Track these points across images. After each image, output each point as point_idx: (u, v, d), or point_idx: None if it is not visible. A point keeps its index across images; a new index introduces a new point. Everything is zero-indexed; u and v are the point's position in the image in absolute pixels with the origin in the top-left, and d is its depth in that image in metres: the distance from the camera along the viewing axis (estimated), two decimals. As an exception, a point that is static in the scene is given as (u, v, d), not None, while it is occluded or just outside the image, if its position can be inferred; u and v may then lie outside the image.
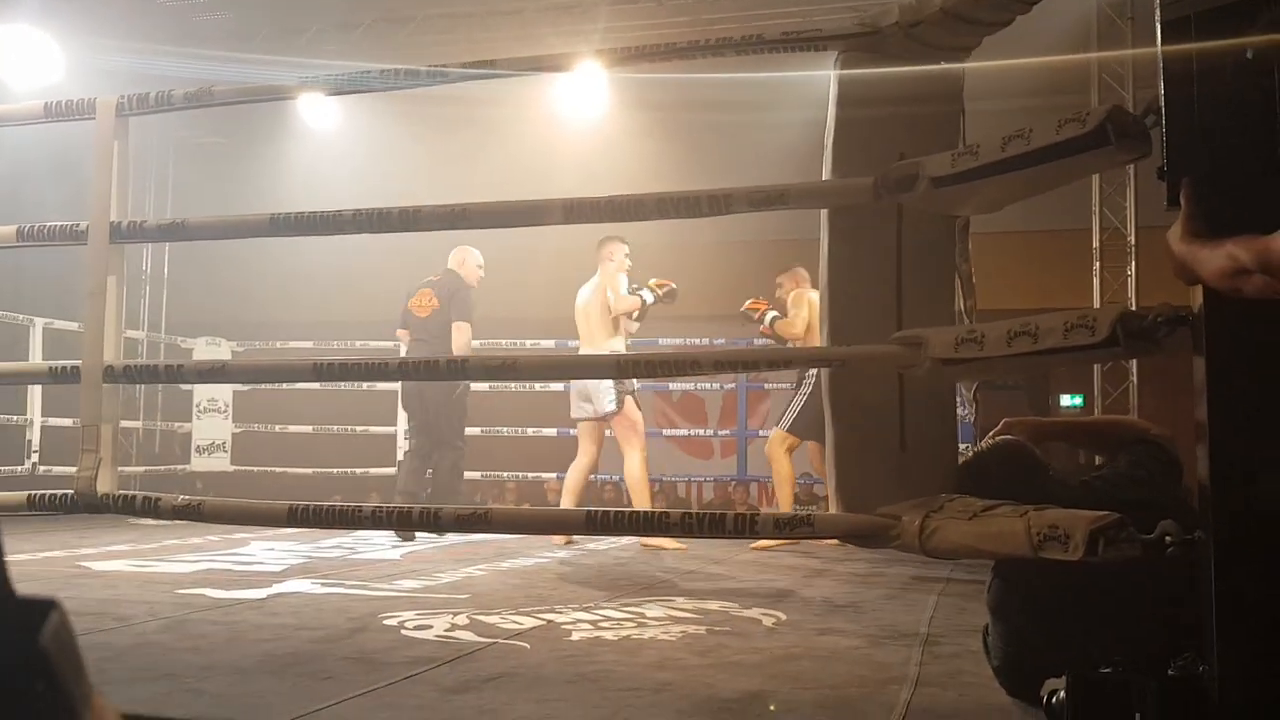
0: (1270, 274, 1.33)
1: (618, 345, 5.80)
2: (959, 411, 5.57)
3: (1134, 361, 8.02)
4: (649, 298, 5.82)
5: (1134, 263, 8.11)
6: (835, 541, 5.13)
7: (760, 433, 9.13)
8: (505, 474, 9.11)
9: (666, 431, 10.21)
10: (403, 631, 3.04)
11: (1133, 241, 8.11)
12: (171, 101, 2.60)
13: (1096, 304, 8.10)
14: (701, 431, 10.12)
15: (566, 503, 5.78)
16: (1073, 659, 1.94)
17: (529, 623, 3.20)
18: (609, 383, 5.67)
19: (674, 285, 5.92)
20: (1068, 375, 9.71)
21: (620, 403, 5.69)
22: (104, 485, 2.63)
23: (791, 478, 5.94)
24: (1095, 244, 8.29)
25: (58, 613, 0.34)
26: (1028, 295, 8.09)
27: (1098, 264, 8.28)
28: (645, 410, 11.43)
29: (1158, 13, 1.75)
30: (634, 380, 5.75)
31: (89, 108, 2.66)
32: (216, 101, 2.65)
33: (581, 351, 5.83)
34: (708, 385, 9.43)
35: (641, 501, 5.68)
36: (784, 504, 5.94)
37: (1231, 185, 1.64)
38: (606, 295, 5.81)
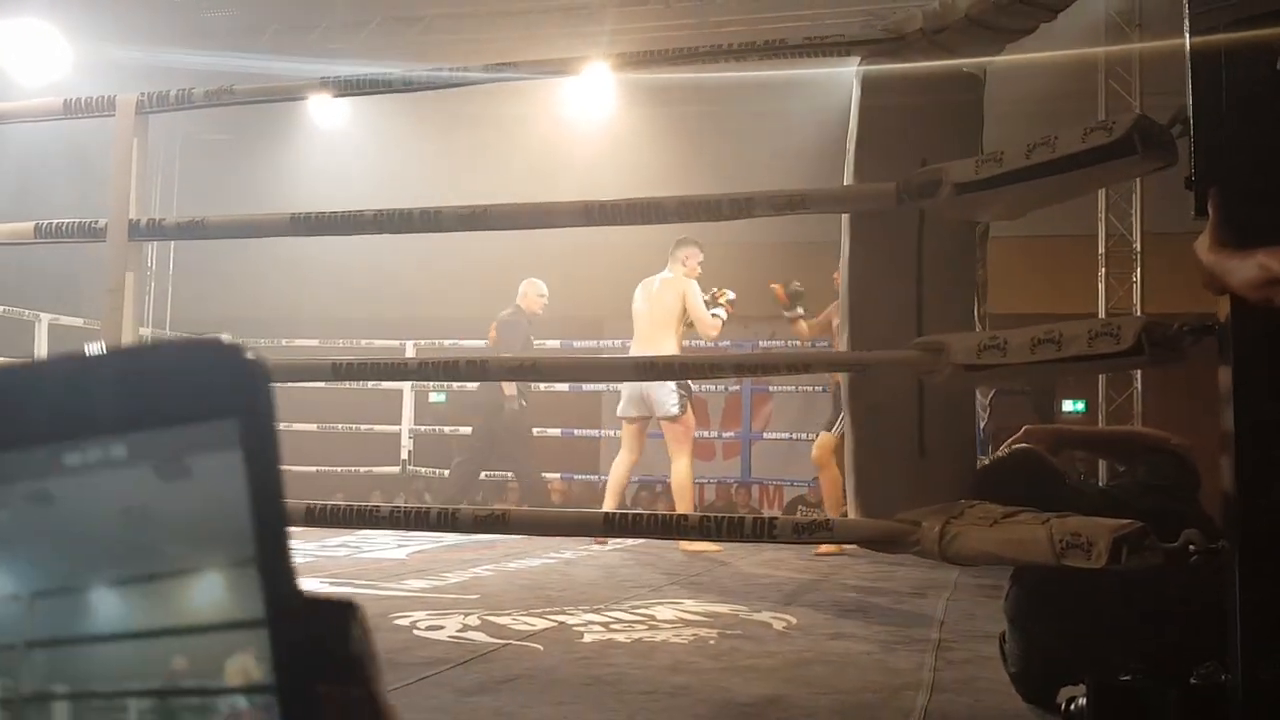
0: None
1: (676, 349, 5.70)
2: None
3: (1139, 370, 8.03)
4: (724, 316, 5.79)
5: (1139, 269, 8.12)
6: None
7: (764, 435, 9.13)
8: (509, 474, 9.11)
9: (669, 432, 10.19)
10: (415, 632, 3.04)
11: (1138, 248, 8.12)
12: (192, 99, 2.60)
13: (1102, 310, 8.11)
14: (705, 433, 10.11)
15: (610, 502, 5.71)
16: (1092, 667, 1.95)
17: (540, 624, 3.20)
18: (672, 386, 5.59)
19: (732, 294, 5.89)
20: (1072, 381, 9.72)
21: (684, 407, 5.64)
22: (120, 482, 2.62)
23: (840, 482, 5.88)
24: (1101, 250, 8.29)
25: (360, 614, 0.33)
26: (1033, 300, 8.10)
27: (1103, 270, 8.29)
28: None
29: (1186, 23, 1.76)
30: (690, 384, 5.72)
31: (109, 105, 2.65)
32: (237, 100, 2.65)
33: (638, 349, 5.69)
34: (710, 386, 9.42)
35: (685, 506, 5.59)
36: (832, 510, 5.89)
37: (1260, 195, 1.64)
38: (686, 304, 5.73)
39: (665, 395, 5.63)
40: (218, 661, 0.30)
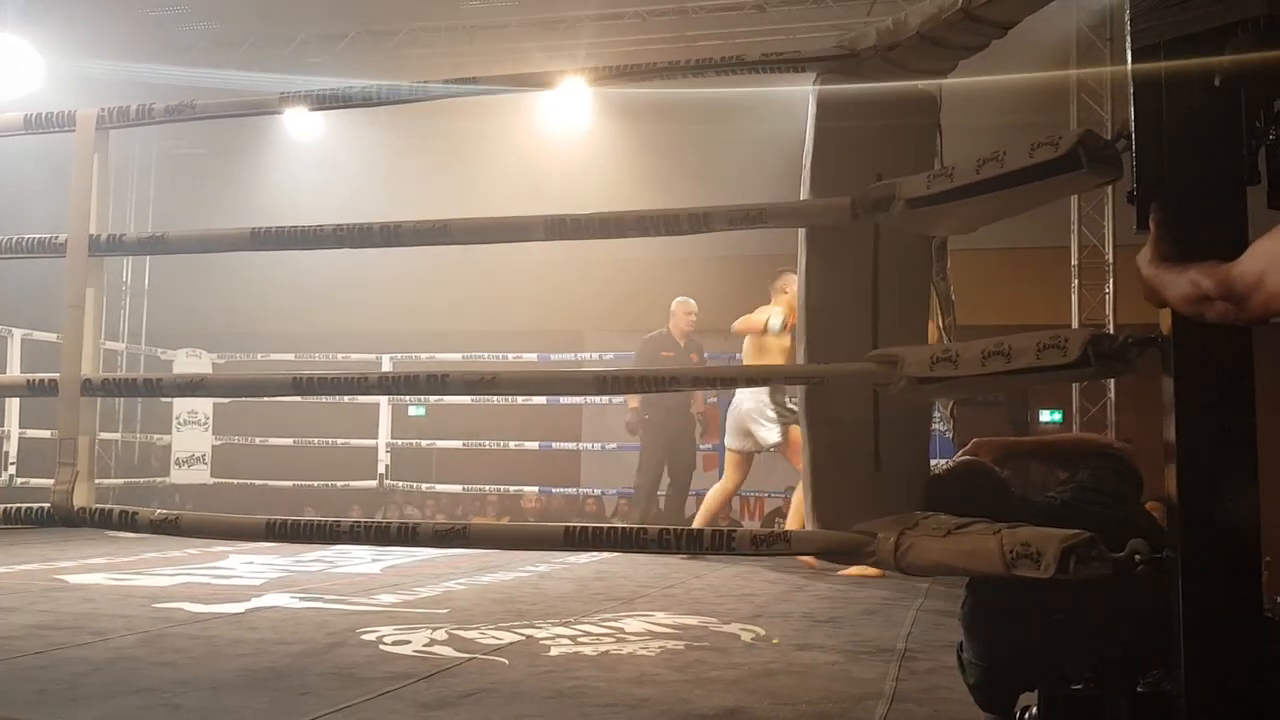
0: (1231, 301, 1.35)
1: None
2: (939, 427, 5.59)
3: (1112, 379, 8.10)
4: (776, 325, 5.74)
5: (1111, 280, 8.19)
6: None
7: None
8: (486, 486, 9.11)
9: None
10: (381, 647, 3.04)
11: (1110, 259, 8.20)
12: (152, 115, 2.59)
13: (1075, 321, 8.17)
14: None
15: (700, 522, 5.83)
16: (1045, 676, 1.96)
17: (508, 638, 3.21)
18: (772, 416, 5.73)
19: None
20: (1047, 392, 9.79)
21: (785, 433, 5.70)
22: (80, 499, 2.61)
23: None
24: (1074, 261, 8.37)
25: None
26: (1007, 312, 8.16)
27: (1076, 281, 8.36)
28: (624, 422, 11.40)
29: (1128, 40, 1.78)
30: (794, 404, 5.74)
31: (69, 120, 2.65)
32: (198, 115, 2.65)
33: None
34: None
35: (796, 520, 5.62)
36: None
37: (1199, 210, 1.67)
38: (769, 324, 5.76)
39: (765, 428, 5.78)
40: None
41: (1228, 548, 1.67)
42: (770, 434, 5.80)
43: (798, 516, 5.81)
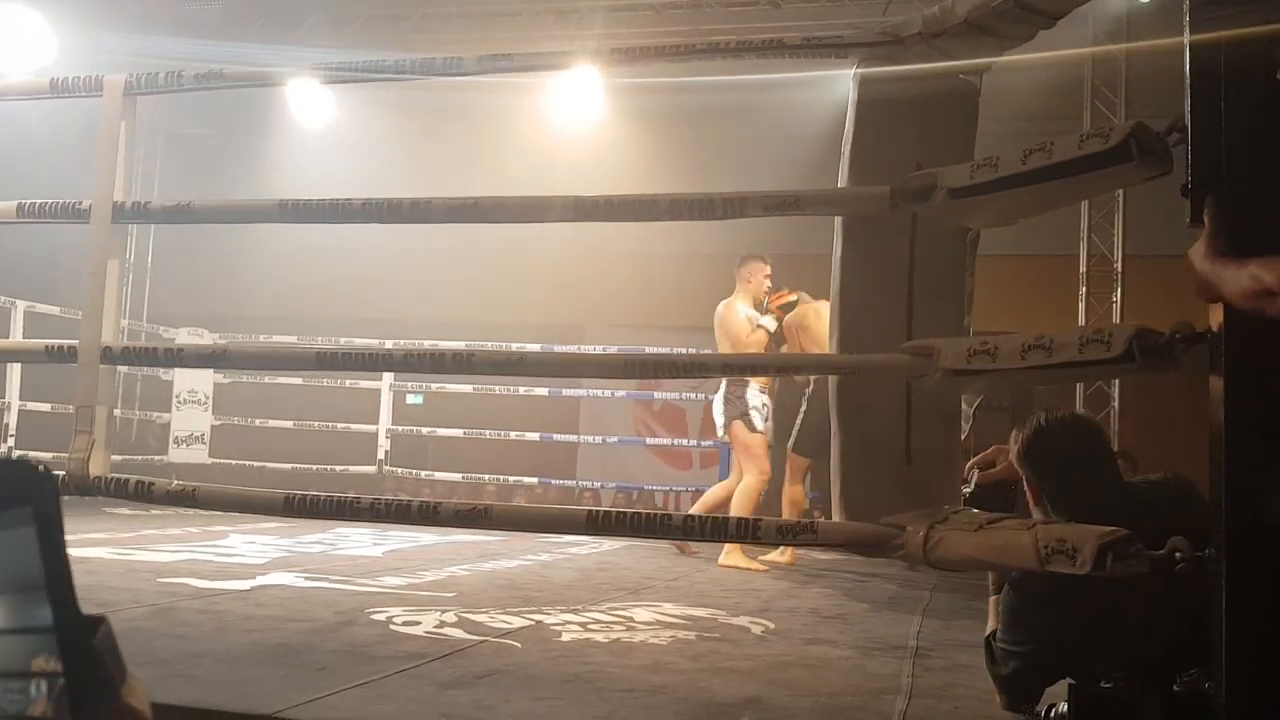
0: None
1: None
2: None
3: (1115, 385, 8.10)
4: (771, 326, 5.48)
5: (1119, 289, 8.18)
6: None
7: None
8: (486, 476, 9.07)
9: (649, 440, 10.20)
10: (391, 626, 3.01)
11: (1119, 269, 8.18)
12: (181, 82, 2.57)
13: (1081, 328, 8.14)
14: (683, 441, 10.09)
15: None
16: (1081, 671, 1.94)
17: (518, 622, 3.18)
18: (721, 405, 5.56)
19: (793, 297, 5.61)
20: (1047, 398, 9.76)
21: (727, 427, 5.52)
22: (96, 468, 2.59)
23: (800, 503, 5.72)
24: (1082, 270, 8.35)
25: (106, 624, 0.58)
26: (1013, 319, 8.11)
27: (1084, 289, 8.34)
28: (625, 419, 11.38)
29: (1186, 32, 1.76)
30: (758, 400, 5.48)
31: (96, 85, 2.62)
32: (226, 84, 2.62)
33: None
34: (690, 395, 9.41)
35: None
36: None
37: (1257, 204, 1.65)
38: (725, 327, 5.53)
39: (717, 415, 5.65)
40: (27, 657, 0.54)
41: (1271, 547, 1.65)
42: (719, 423, 5.63)
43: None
